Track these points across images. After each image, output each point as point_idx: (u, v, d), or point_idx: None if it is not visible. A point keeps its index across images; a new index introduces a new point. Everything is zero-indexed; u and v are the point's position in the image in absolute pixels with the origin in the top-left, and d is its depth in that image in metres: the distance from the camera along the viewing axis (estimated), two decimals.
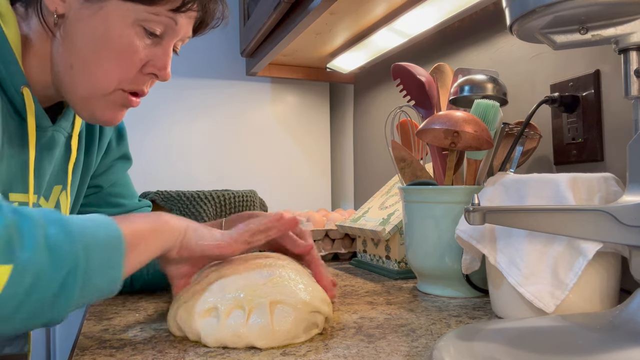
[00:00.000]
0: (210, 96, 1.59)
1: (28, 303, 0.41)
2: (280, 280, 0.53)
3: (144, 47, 0.60)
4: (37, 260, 0.41)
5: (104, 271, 0.46)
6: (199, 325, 0.51)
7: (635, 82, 0.50)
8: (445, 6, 0.98)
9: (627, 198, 0.49)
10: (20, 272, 0.40)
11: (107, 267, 0.46)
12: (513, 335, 0.45)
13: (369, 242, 0.99)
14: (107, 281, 0.46)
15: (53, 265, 0.42)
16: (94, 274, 0.45)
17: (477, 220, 0.53)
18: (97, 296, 0.46)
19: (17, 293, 0.40)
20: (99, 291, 0.46)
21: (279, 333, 0.49)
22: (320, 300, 0.53)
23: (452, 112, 0.69)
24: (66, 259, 0.42)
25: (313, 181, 1.72)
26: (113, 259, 0.47)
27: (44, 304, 0.42)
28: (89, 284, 0.44)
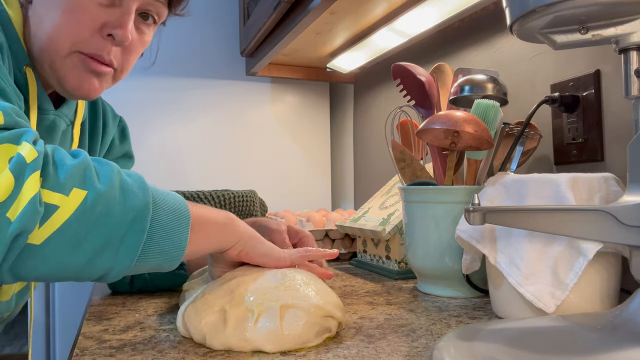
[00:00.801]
0: (210, 96, 1.59)
1: (96, 232, 0.42)
2: (292, 283, 0.52)
3: (97, 7, 0.60)
4: (110, 194, 0.43)
5: (169, 233, 0.47)
6: (204, 327, 0.50)
7: (636, 82, 0.50)
8: (445, 6, 0.98)
9: (628, 198, 0.49)
10: (94, 199, 0.42)
11: (173, 230, 0.47)
12: (513, 335, 0.45)
13: (369, 242, 0.99)
14: (171, 245, 0.47)
15: (124, 204, 0.44)
16: (160, 231, 0.46)
17: (477, 220, 0.53)
18: (158, 261, 0.47)
19: (87, 218, 0.42)
20: (161, 253, 0.47)
21: (289, 337, 0.48)
22: (334, 305, 0.53)
23: (452, 112, 0.69)
24: (137, 203, 0.45)
25: (313, 181, 1.72)
26: (179, 225, 0.48)
27: (111, 240, 0.43)
28: (154, 240, 0.46)
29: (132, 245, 0.44)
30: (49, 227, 0.41)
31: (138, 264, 0.46)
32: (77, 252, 0.42)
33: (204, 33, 1.59)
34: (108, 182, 0.44)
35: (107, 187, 0.44)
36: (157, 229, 0.46)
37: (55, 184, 0.42)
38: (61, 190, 0.42)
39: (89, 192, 0.42)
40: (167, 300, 0.74)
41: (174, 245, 0.48)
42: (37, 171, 0.41)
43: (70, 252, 0.42)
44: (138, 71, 1.49)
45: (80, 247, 0.42)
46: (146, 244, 0.45)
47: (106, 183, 0.44)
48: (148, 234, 0.45)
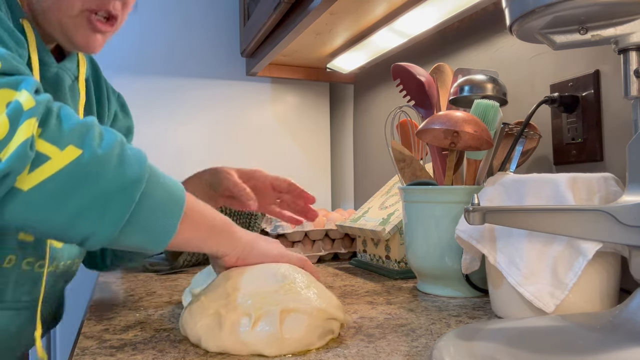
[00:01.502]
0: (210, 96, 1.59)
1: (83, 191, 0.43)
2: (293, 287, 0.52)
3: None
4: (106, 160, 0.44)
5: (158, 213, 0.47)
6: (199, 329, 0.50)
7: (635, 82, 0.50)
8: (445, 6, 0.98)
9: (627, 198, 0.49)
10: (87, 159, 0.43)
11: (162, 212, 0.47)
12: (513, 335, 0.45)
13: (369, 242, 0.99)
14: (157, 226, 0.47)
15: (117, 172, 0.44)
16: (149, 208, 0.46)
17: (477, 220, 0.53)
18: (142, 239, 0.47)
19: (76, 175, 0.42)
20: (146, 232, 0.47)
21: (290, 341, 0.47)
22: (335, 306, 0.52)
23: (451, 112, 0.69)
24: (131, 174, 0.45)
25: (313, 181, 1.72)
26: (170, 209, 0.48)
27: (96, 202, 0.43)
28: (141, 216, 0.46)
29: (117, 213, 0.44)
30: (37, 176, 0.42)
31: (122, 236, 0.46)
32: (61, 207, 0.43)
33: (204, 33, 1.59)
34: (107, 148, 0.45)
35: (105, 152, 0.44)
36: (146, 206, 0.46)
37: (52, 137, 0.43)
38: (57, 143, 0.43)
39: (84, 152, 0.43)
40: (168, 300, 0.74)
41: (161, 227, 0.48)
42: (32, 118, 0.42)
43: (54, 206, 0.42)
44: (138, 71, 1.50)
45: (64, 202, 0.42)
46: (132, 218, 0.45)
47: (105, 148, 0.45)
48: (136, 207, 0.45)
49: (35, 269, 0.61)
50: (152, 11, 1.53)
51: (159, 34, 1.53)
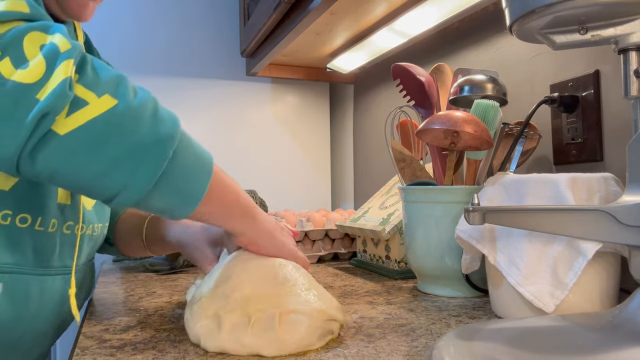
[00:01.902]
0: (210, 96, 1.59)
1: (118, 141, 0.42)
2: (293, 289, 0.52)
3: None
4: (141, 114, 0.44)
5: (189, 174, 0.47)
6: (199, 330, 0.50)
7: (635, 82, 0.50)
8: (445, 6, 0.98)
9: (627, 198, 0.49)
10: (123, 110, 0.43)
11: (193, 174, 0.47)
12: (513, 335, 0.45)
13: (369, 242, 0.99)
14: (188, 187, 0.47)
15: (152, 127, 0.44)
16: (180, 168, 0.46)
17: (477, 220, 0.53)
18: (172, 200, 0.47)
19: (113, 124, 0.42)
20: (177, 193, 0.46)
21: (290, 342, 0.48)
22: (335, 308, 0.53)
23: (451, 112, 0.69)
24: (165, 131, 0.45)
25: (313, 181, 1.72)
26: (201, 171, 0.48)
27: (132, 154, 0.43)
28: (173, 174, 0.45)
29: (150, 167, 0.44)
30: (74, 120, 0.41)
31: (153, 193, 0.45)
32: (96, 155, 0.42)
33: (204, 33, 1.59)
34: (142, 102, 0.45)
35: (140, 106, 0.44)
36: (178, 166, 0.46)
37: (89, 83, 0.42)
38: (94, 89, 0.42)
39: (119, 102, 0.43)
40: (168, 299, 0.74)
41: (191, 189, 0.47)
42: (69, 59, 0.41)
43: (89, 153, 0.42)
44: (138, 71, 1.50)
45: (100, 150, 0.42)
46: (165, 175, 0.45)
47: (140, 102, 0.44)
48: (168, 164, 0.45)
49: (75, 232, 0.62)
50: (152, 11, 1.53)
51: (159, 34, 1.53)
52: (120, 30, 1.49)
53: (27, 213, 0.55)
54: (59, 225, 0.59)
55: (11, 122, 0.40)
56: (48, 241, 0.58)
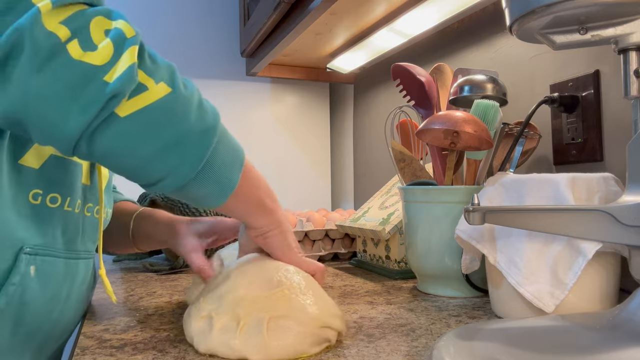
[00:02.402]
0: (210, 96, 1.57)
1: (173, 126, 0.44)
2: (286, 293, 0.51)
3: None
4: (191, 102, 0.46)
5: (226, 164, 0.49)
6: (193, 330, 0.50)
7: (635, 82, 0.50)
8: (445, 6, 0.98)
9: (627, 198, 0.49)
10: (177, 98, 0.44)
11: (230, 164, 0.49)
12: (513, 335, 0.45)
13: (369, 242, 0.99)
14: (225, 177, 0.49)
15: (199, 116, 0.46)
16: (220, 158, 0.48)
17: (477, 220, 0.53)
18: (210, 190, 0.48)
19: (170, 110, 0.44)
20: (216, 182, 0.48)
21: (277, 348, 0.46)
22: (332, 314, 0.51)
23: (451, 112, 0.69)
24: (210, 121, 0.47)
25: (313, 181, 1.72)
26: (235, 162, 0.50)
27: (183, 139, 0.44)
28: (215, 164, 0.47)
29: (198, 154, 0.45)
30: (134, 103, 0.42)
31: (194, 180, 0.46)
32: (150, 139, 0.43)
33: (204, 33, 1.59)
34: (191, 93, 0.46)
35: (190, 95, 0.46)
36: (219, 155, 0.48)
37: (148, 69, 0.44)
38: (152, 76, 0.44)
39: (173, 90, 0.44)
40: (168, 299, 0.74)
41: (227, 179, 0.49)
42: (134, 46, 0.42)
43: (145, 136, 0.43)
44: None
45: (154, 134, 0.43)
46: (207, 164, 0.47)
47: (189, 92, 0.46)
48: (211, 154, 0.47)
49: (94, 214, 0.62)
50: (152, 11, 1.53)
51: (159, 34, 1.53)
52: None
53: (57, 192, 0.55)
54: (82, 206, 0.59)
55: (79, 102, 0.40)
56: (75, 223, 0.58)
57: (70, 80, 0.40)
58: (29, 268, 0.51)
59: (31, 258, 0.52)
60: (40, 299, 0.53)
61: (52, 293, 0.55)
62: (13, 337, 0.52)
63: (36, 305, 0.53)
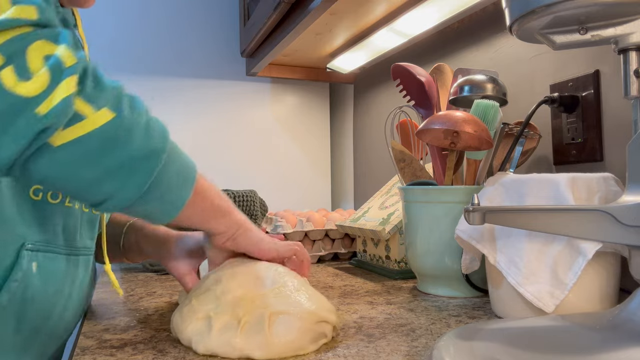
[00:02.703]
0: (210, 96, 1.59)
1: (112, 154, 0.43)
2: (283, 290, 0.52)
3: None
4: (136, 127, 0.45)
5: (173, 185, 0.48)
6: (190, 332, 0.50)
7: (635, 82, 0.50)
8: (445, 6, 0.98)
9: (627, 198, 0.49)
10: (119, 124, 0.43)
11: (177, 184, 0.49)
12: (513, 335, 0.45)
13: (369, 242, 0.99)
14: (172, 196, 0.49)
15: (145, 140, 0.45)
16: (167, 179, 0.47)
17: (477, 220, 0.53)
18: (155, 208, 0.48)
19: (108, 138, 0.43)
20: (161, 201, 0.48)
21: (279, 344, 0.47)
22: (327, 310, 0.52)
23: (451, 112, 0.69)
24: (156, 144, 0.46)
25: (313, 181, 1.72)
26: (185, 182, 0.50)
27: (123, 166, 0.44)
28: (160, 185, 0.47)
29: (140, 179, 0.45)
30: (70, 133, 0.41)
31: (139, 201, 0.46)
32: (88, 167, 0.43)
33: (204, 33, 1.59)
34: (138, 115, 0.46)
35: (135, 118, 0.45)
36: (165, 176, 0.47)
37: (89, 96, 0.43)
38: (92, 103, 0.43)
39: (117, 116, 0.43)
40: (168, 299, 0.74)
41: (175, 198, 0.49)
42: (74, 75, 0.41)
43: (82, 165, 0.43)
44: (138, 71, 1.50)
45: (93, 162, 0.43)
46: (152, 186, 0.46)
47: (136, 115, 0.45)
48: (157, 176, 0.46)
49: (93, 211, 0.62)
50: (152, 12, 1.53)
51: (158, 34, 1.53)
52: (120, 29, 1.49)
53: None
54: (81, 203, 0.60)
55: (9, 133, 0.39)
56: (75, 219, 0.58)
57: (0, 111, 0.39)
58: (31, 264, 0.52)
59: (33, 254, 0.52)
60: (43, 295, 0.53)
61: (54, 289, 0.55)
62: (16, 334, 0.52)
63: (39, 302, 0.53)
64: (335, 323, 0.52)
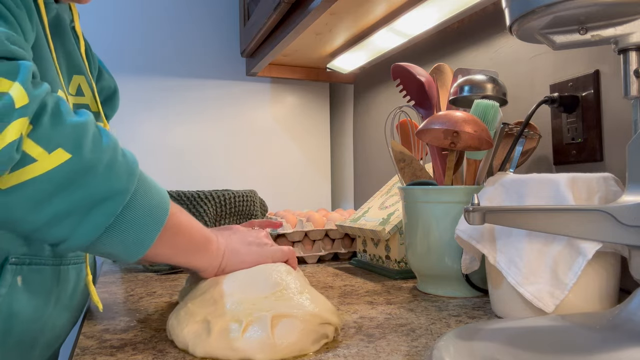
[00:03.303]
0: (210, 96, 1.59)
1: (63, 198, 0.41)
2: (285, 293, 0.52)
3: None
4: (95, 167, 0.42)
5: (137, 227, 0.46)
6: (187, 335, 0.49)
7: (635, 82, 0.50)
8: (445, 7, 0.98)
9: (627, 198, 0.49)
10: (74, 165, 0.41)
11: (142, 227, 0.46)
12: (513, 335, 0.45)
13: (369, 242, 0.99)
14: (134, 240, 0.46)
15: (104, 181, 0.43)
16: (129, 222, 0.45)
17: (477, 220, 0.53)
18: (116, 250, 0.46)
19: (60, 182, 0.40)
20: (123, 245, 0.46)
21: (282, 346, 0.47)
22: (329, 311, 0.52)
23: (451, 112, 0.69)
24: (118, 186, 0.44)
25: (313, 181, 1.72)
26: (151, 224, 0.47)
27: (75, 210, 0.42)
28: (120, 228, 0.44)
29: (95, 224, 0.43)
30: (18, 176, 0.39)
31: (96, 244, 0.44)
32: (37, 211, 0.41)
33: (204, 33, 1.59)
34: (99, 153, 0.43)
35: (95, 158, 0.42)
36: (128, 218, 0.45)
37: (41, 137, 0.40)
38: (45, 145, 0.40)
39: (72, 157, 0.41)
40: (168, 299, 0.74)
41: (139, 239, 0.46)
42: (24, 117, 0.39)
43: (30, 208, 0.40)
44: (138, 71, 1.50)
45: (42, 207, 0.40)
46: (111, 229, 0.44)
47: (96, 153, 0.43)
48: (117, 218, 0.44)
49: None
50: (152, 11, 1.53)
51: (159, 34, 1.53)
52: (120, 29, 1.49)
53: None
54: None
55: None
56: None
57: None
58: (15, 278, 0.51)
59: (17, 268, 0.51)
60: (28, 308, 0.52)
61: (40, 301, 0.54)
62: (2, 347, 0.51)
63: (25, 315, 0.52)
64: (337, 324, 0.52)
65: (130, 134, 1.47)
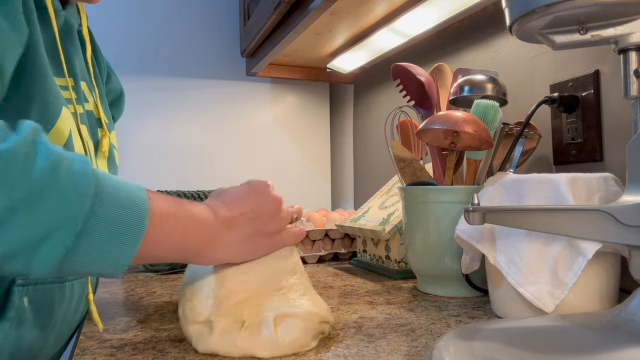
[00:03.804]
0: (210, 96, 1.59)
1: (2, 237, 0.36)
2: (288, 294, 0.53)
3: None
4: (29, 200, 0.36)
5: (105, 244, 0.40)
6: (191, 332, 0.50)
7: (635, 82, 0.50)
8: (445, 6, 0.98)
9: (627, 198, 0.49)
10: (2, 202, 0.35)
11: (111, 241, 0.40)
12: (513, 335, 0.45)
13: (369, 242, 0.99)
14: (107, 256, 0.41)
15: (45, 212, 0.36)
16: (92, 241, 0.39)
17: (477, 220, 0.53)
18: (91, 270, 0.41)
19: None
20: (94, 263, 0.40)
21: (284, 343, 0.48)
22: (326, 309, 0.54)
23: (451, 112, 0.69)
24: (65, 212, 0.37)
25: (313, 181, 1.72)
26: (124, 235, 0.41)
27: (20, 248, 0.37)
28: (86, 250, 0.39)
29: (48, 258, 0.38)
30: None
31: (62, 271, 0.40)
32: None
33: (204, 33, 1.59)
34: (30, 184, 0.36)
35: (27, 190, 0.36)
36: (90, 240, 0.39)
37: None
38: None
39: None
40: (168, 299, 0.74)
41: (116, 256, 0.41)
42: None
43: None
44: (138, 71, 1.50)
45: None
46: (70, 256, 0.39)
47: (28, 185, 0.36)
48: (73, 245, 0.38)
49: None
50: (152, 11, 1.53)
51: (159, 34, 1.53)
52: (120, 29, 1.49)
53: None
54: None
55: None
56: None
57: None
58: (22, 300, 0.50)
59: (24, 289, 0.50)
60: (36, 327, 0.52)
61: (47, 319, 0.53)
62: None
63: (32, 335, 0.52)
64: (333, 321, 0.54)
65: (131, 134, 1.47)
